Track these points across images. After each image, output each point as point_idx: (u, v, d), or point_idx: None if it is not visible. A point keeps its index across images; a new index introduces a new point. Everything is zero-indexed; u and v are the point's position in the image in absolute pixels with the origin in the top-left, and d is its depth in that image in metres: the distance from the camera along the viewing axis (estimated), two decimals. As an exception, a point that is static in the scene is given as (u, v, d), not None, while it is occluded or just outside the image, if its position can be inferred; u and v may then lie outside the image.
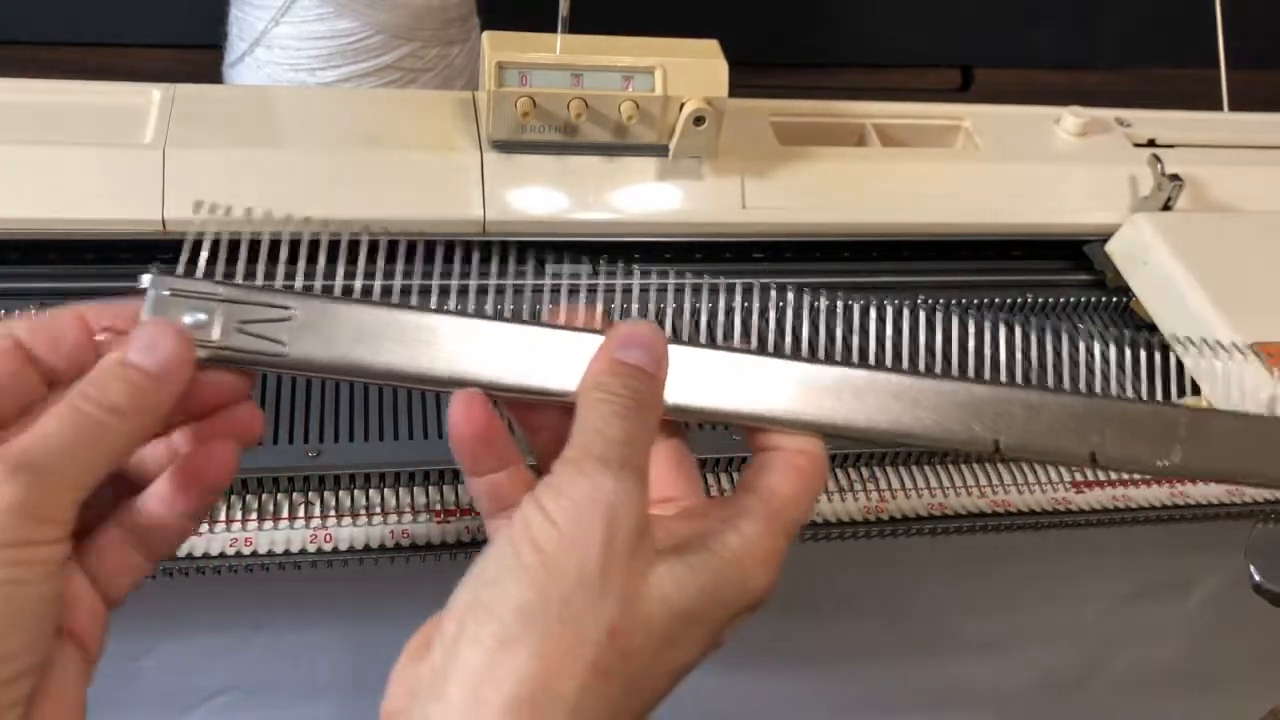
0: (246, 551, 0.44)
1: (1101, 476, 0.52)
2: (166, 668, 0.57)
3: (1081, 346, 0.45)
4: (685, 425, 0.39)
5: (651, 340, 0.37)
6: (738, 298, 0.42)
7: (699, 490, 0.38)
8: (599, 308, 0.39)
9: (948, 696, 0.74)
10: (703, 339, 0.39)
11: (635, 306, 0.41)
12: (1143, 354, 0.43)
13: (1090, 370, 0.55)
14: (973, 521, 0.49)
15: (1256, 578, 0.51)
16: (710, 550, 0.33)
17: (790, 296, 0.41)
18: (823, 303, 0.41)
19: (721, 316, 0.42)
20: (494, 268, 0.42)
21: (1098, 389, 0.43)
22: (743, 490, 0.36)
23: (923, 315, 0.42)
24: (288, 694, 0.61)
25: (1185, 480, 0.52)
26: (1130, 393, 0.54)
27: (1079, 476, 0.52)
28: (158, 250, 0.53)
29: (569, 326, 0.38)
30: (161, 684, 0.58)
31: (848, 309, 0.41)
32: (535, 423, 0.37)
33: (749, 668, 0.67)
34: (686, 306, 0.55)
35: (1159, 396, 0.54)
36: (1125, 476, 0.52)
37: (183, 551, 0.43)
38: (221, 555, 0.44)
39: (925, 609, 0.64)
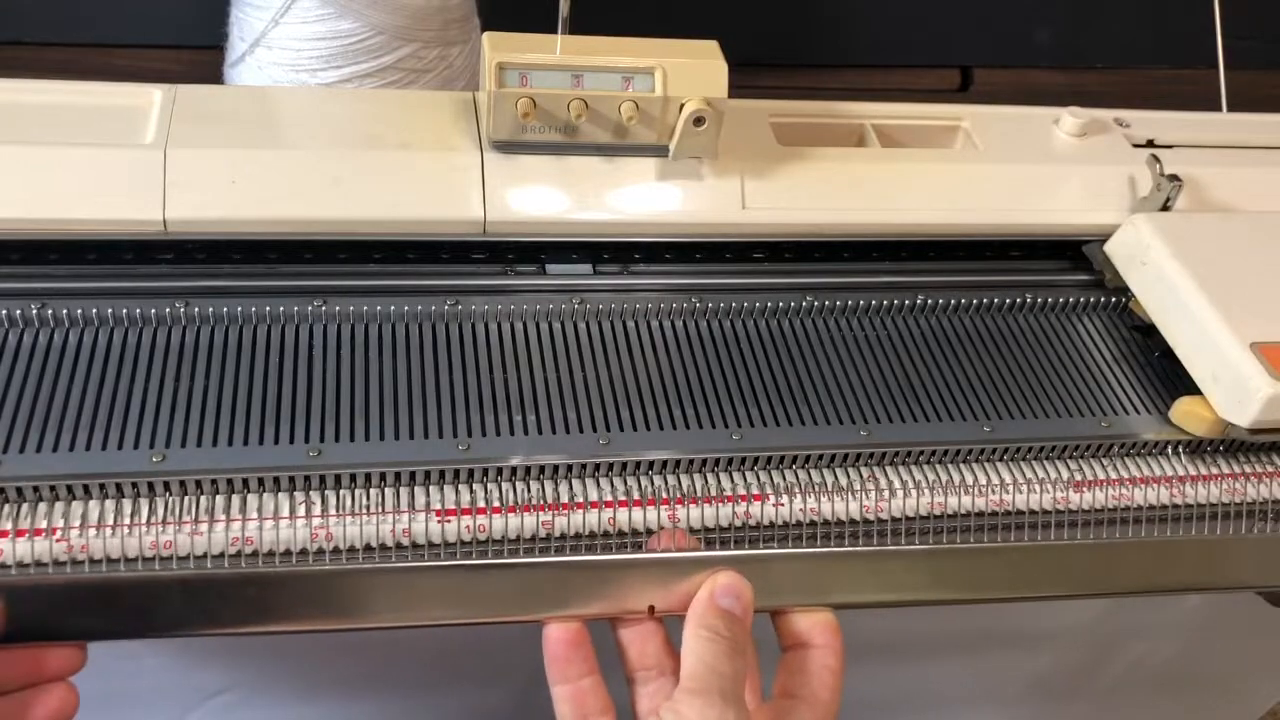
0: (247, 551, 0.44)
1: (1101, 476, 0.52)
2: (166, 668, 0.57)
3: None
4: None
5: (743, 590, 0.44)
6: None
7: (759, 695, 0.45)
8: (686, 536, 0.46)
9: (948, 696, 0.74)
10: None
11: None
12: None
13: (1091, 371, 0.56)
14: (973, 521, 0.49)
15: (1256, 577, 0.51)
16: None
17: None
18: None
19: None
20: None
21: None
22: (789, 698, 0.43)
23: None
24: (288, 694, 0.61)
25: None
26: (1131, 392, 0.54)
27: (1078, 475, 0.52)
28: (158, 250, 0.53)
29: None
30: (162, 684, 0.58)
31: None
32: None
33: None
34: (685, 307, 0.55)
35: (1159, 397, 0.54)
36: (1125, 476, 0.52)
37: (183, 551, 0.43)
38: (222, 555, 0.44)
39: (925, 608, 0.64)
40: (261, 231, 0.52)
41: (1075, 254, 0.61)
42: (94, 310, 0.50)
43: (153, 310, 0.50)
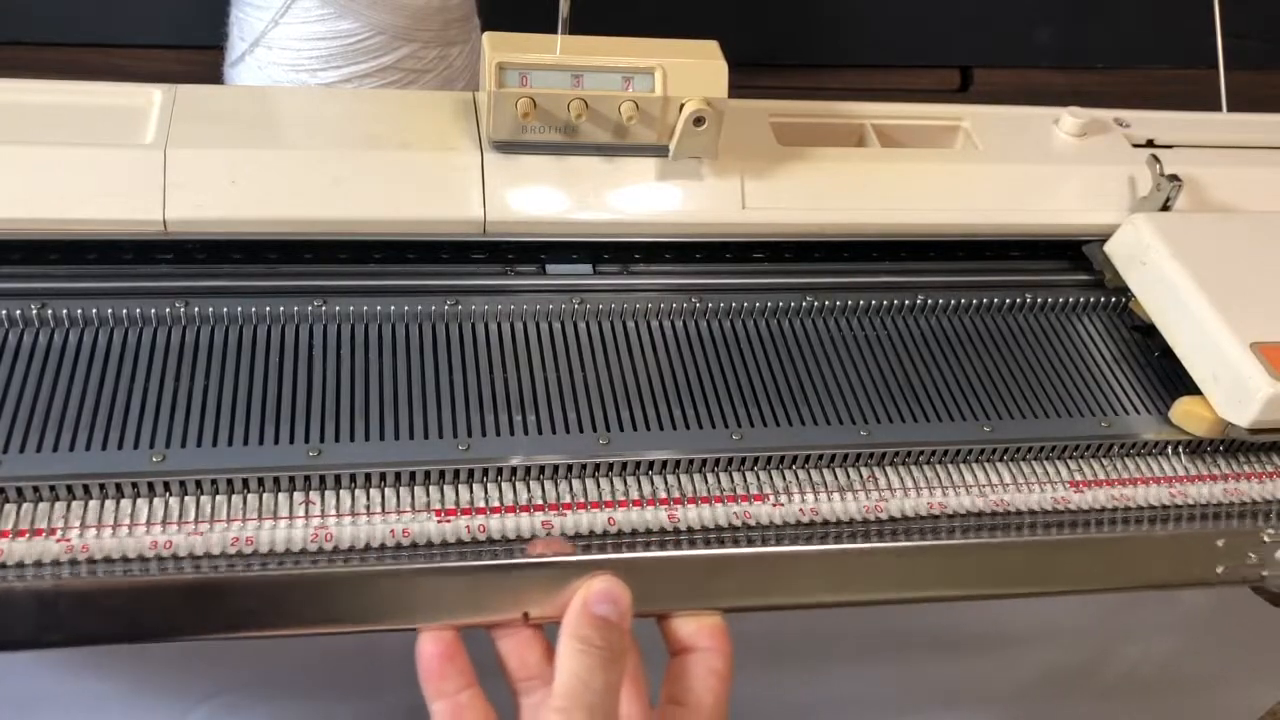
0: (247, 551, 0.44)
1: (1100, 476, 0.52)
2: (166, 667, 0.57)
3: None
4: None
5: (620, 595, 0.42)
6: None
7: (646, 703, 0.43)
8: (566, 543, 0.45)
9: (948, 696, 0.74)
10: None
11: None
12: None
13: (1091, 371, 0.56)
14: (972, 521, 0.49)
15: (1256, 577, 0.51)
16: None
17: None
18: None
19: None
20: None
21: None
22: (673, 705, 0.42)
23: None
24: (288, 693, 0.61)
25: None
26: (1131, 392, 0.54)
27: (1078, 475, 0.52)
28: (158, 250, 0.53)
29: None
30: (161, 683, 0.58)
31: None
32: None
33: (744, 667, 0.67)
34: (684, 307, 0.55)
35: (1159, 397, 0.54)
36: (1125, 476, 0.52)
37: (183, 551, 0.43)
38: (222, 555, 0.44)
39: (924, 608, 0.64)
40: (261, 231, 0.52)
41: (1075, 254, 0.61)
42: (94, 310, 0.50)
43: (153, 310, 0.50)
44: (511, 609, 0.42)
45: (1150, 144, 0.62)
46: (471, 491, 0.47)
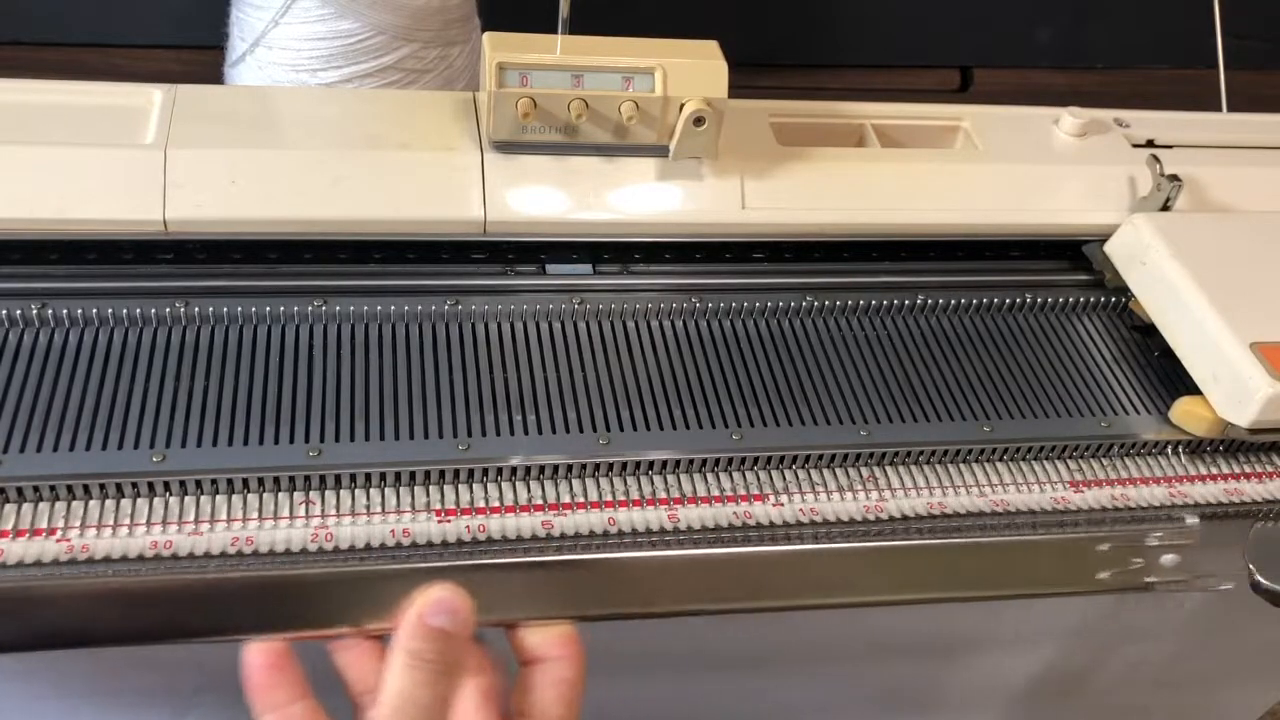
0: (247, 551, 0.44)
1: (1100, 476, 0.52)
2: (166, 666, 0.57)
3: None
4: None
5: (459, 604, 0.40)
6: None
7: (499, 716, 0.41)
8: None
9: (947, 696, 0.74)
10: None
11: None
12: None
13: (1091, 371, 0.56)
14: (972, 521, 0.49)
15: (1256, 577, 0.51)
16: None
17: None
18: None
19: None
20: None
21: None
22: (520, 717, 0.41)
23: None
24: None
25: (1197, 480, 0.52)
26: (1131, 392, 0.54)
27: (1078, 475, 0.52)
28: (158, 250, 0.53)
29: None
30: (161, 683, 0.58)
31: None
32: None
33: (745, 666, 0.67)
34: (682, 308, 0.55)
35: (1159, 397, 0.54)
36: (1125, 476, 0.52)
37: (183, 551, 0.43)
38: (222, 555, 0.44)
39: (924, 608, 0.64)
40: (261, 231, 0.52)
41: (1075, 254, 0.61)
42: (94, 310, 0.50)
43: (153, 310, 0.50)
44: (351, 621, 0.41)
45: (1150, 144, 0.62)
46: (471, 491, 0.47)
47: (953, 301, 0.58)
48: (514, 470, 0.47)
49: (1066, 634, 0.70)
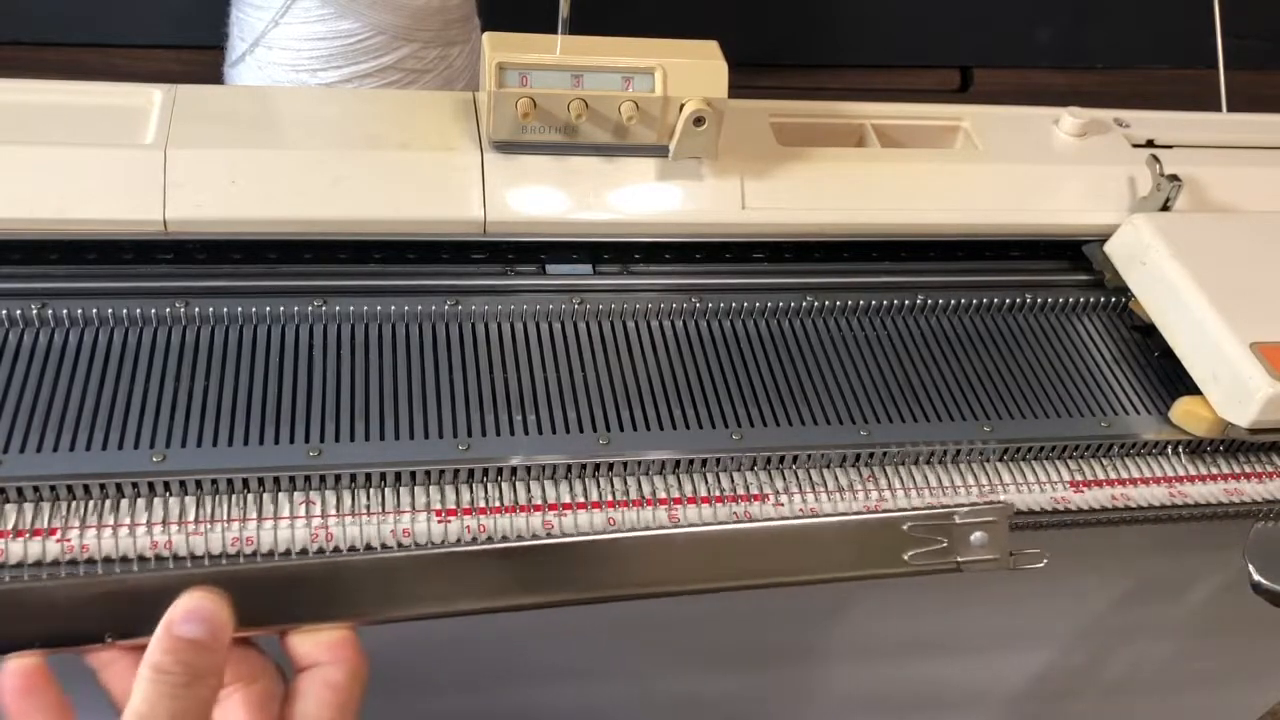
0: (248, 551, 0.44)
1: (1100, 476, 0.52)
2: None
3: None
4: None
5: (211, 613, 0.38)
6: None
7: None
8: None
9: (946, 697, 0.74)
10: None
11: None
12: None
13: (1091, 371, 0.56)
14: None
15: (1255, 577, 0.51)
16: None
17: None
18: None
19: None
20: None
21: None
22: None
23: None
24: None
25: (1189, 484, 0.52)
26: (1131, 392, 0.55)
27: (1078, 475, 0.52)
28: (158, 250, 0.53)
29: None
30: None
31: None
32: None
33: (745, 667, 0.67)
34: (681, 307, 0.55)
35: (1159, 397, 0.54)
36: (1125, 476, 0.52)
37: (183, 551, 0.43)
38: (222, 554, 0.44)
39: (924, 608, 0.64)
40: (261, 231, 0.52)
41: (1075, 254, 0.61)
42: (94, 310, 0.50)
43: (153, 310, 0.50)
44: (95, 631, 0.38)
45: (1150, 144, 0.62)
46: (472, 491, 0.47)
47: (953, 301, 0.58)
48: (514, 470, 0.47)
49: (1068, 634, 0.70)
